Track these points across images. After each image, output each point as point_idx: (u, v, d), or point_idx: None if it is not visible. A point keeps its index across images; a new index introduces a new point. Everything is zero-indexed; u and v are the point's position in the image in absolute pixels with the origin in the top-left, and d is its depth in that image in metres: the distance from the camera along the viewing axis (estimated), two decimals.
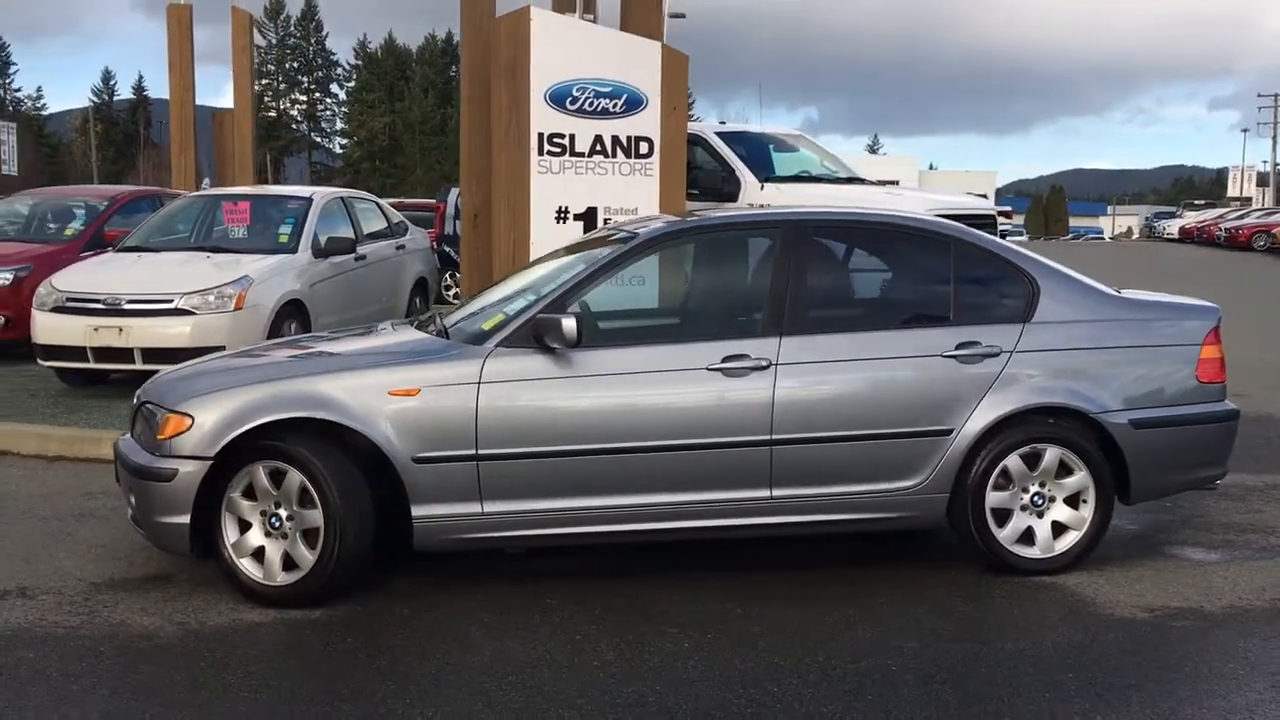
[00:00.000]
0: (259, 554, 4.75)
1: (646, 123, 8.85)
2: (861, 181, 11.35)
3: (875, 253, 5.51)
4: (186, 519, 4.67)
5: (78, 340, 8.64)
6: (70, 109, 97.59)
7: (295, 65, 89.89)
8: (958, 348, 5.07)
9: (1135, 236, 72.80)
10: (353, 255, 10.20)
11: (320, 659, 4.23)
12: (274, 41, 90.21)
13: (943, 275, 5.28)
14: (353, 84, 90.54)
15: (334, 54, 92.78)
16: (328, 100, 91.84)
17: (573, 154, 8.69)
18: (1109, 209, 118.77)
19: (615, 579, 5.09)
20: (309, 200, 10.15)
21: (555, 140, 8.66)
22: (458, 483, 4.75)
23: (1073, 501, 5.19)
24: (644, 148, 8.85)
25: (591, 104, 8.68)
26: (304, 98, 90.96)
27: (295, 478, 4.66)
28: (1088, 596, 4.90)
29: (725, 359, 4.90)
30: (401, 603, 4.77)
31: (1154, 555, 5.50)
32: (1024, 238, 48.98)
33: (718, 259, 5.45)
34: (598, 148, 8.74)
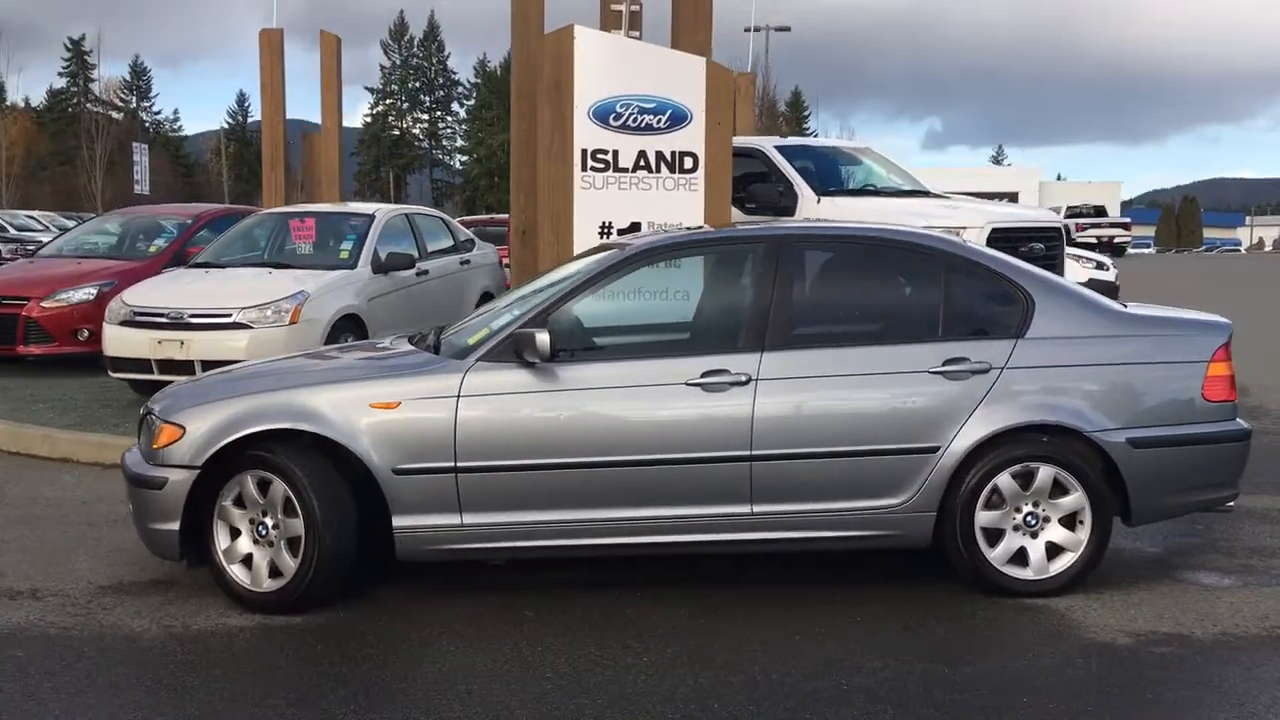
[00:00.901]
0: (248, 560, 4.91)
1: (691, 138, 8.88)
2: (925, 194, 11.19)
3: (864, 268, 5.45)
4: (176, 526, 4.85)
5: (143, 353, 9.00)
6: (207, 130, 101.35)
7: (417, 85, 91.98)
8: (945, 364, 4.99)
9: (1268, 248, 70.01)
10: (413, 270, 10.43)
11: (283, 664, 4.35)
12: (398, 62, 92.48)
13: (933, 290, 5.20)
14: (472, 102, 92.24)
15: (455, 73, 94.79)
16: (448, 118, 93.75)
17: (616, 169, 8.76)
18: (1246, 220, 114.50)
19: (596, 591, 5.13)
20: (371, 218, 10.43)
21: (599, 156, 8.74)
22: (437, 495, 4.85)
23: (1069, 522, 5.06)
24: (688, 163, 8.88)
25: (635, 120, 8.74)
26: (426, 116, 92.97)
27: (280, 487, 4.81)
28: (1074, 619, 4.77)
29: (705, 374, 4.91)
30: (383, 611, 4.89)
31: (1162, 579, 5.33)
32: (1150, 250, 47.43)
33: (704, 274, 5.46)
34: (641, 163, 8.80)
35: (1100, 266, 16.28)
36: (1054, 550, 5.07)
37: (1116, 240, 44.59)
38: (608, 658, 4.36)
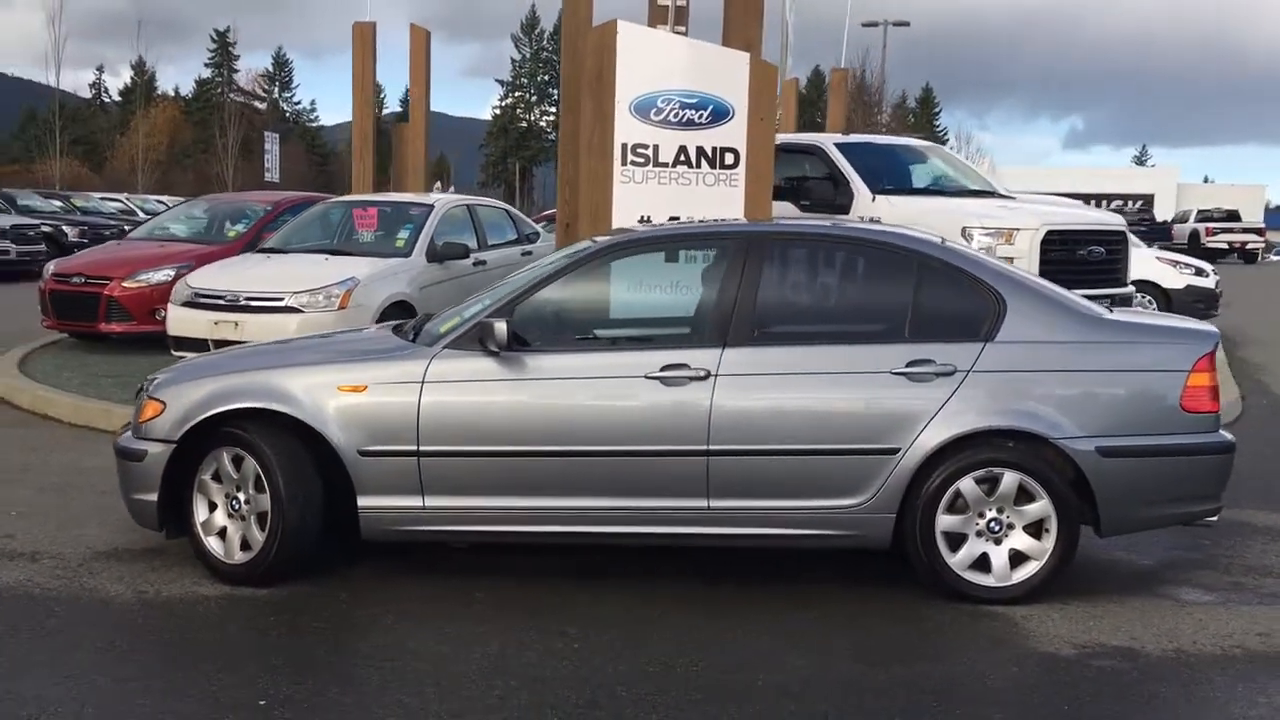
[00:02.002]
0: (223, 533, 5.12)
1: (733, 133, 8.89)
2: (989, 194, 10.99)
3: (833, 267, 5.42)
4: (155, 497, 5.10)
5: (201, 333, 9.39)
6: (345, 121, 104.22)
7: (546, 78, 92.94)
8: (908, 365, 4.95)
9: None
10: (470, 260, 10.64)
11: (233, 632, 4.55)
12: (527, 56, 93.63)
13: (902, 291, 5.16)
14: None
15: None
16: None
17: (656, 164, 8.82)
18: None
19: (554, 578, 5.22)
20: (430, 208, 10.67)
21: (639, 150, 8.81)
22: (400, 477, 5.00)
23: (1035, 530, 4.98)
24: (729, 158, 8.89)
25: (677, 115, 8.79)
26: (554, 109, 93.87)
27: (251, 464, 5.02)
28: (1025, 628, 4.70)
29: (664, 367, 4.96)
30: (344, 588, 5.06)
31: (1138, 593, 5.20)
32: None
33: (671, 269, 5.51)
34: (681, 158, 8.84)
35: (1200, 273, 15.67)
36: (1018, 558, 4.99)
37: (1249, 246, 42.80)
38: (539, 642, 4.45)
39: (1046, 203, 11.15)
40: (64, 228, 25.22)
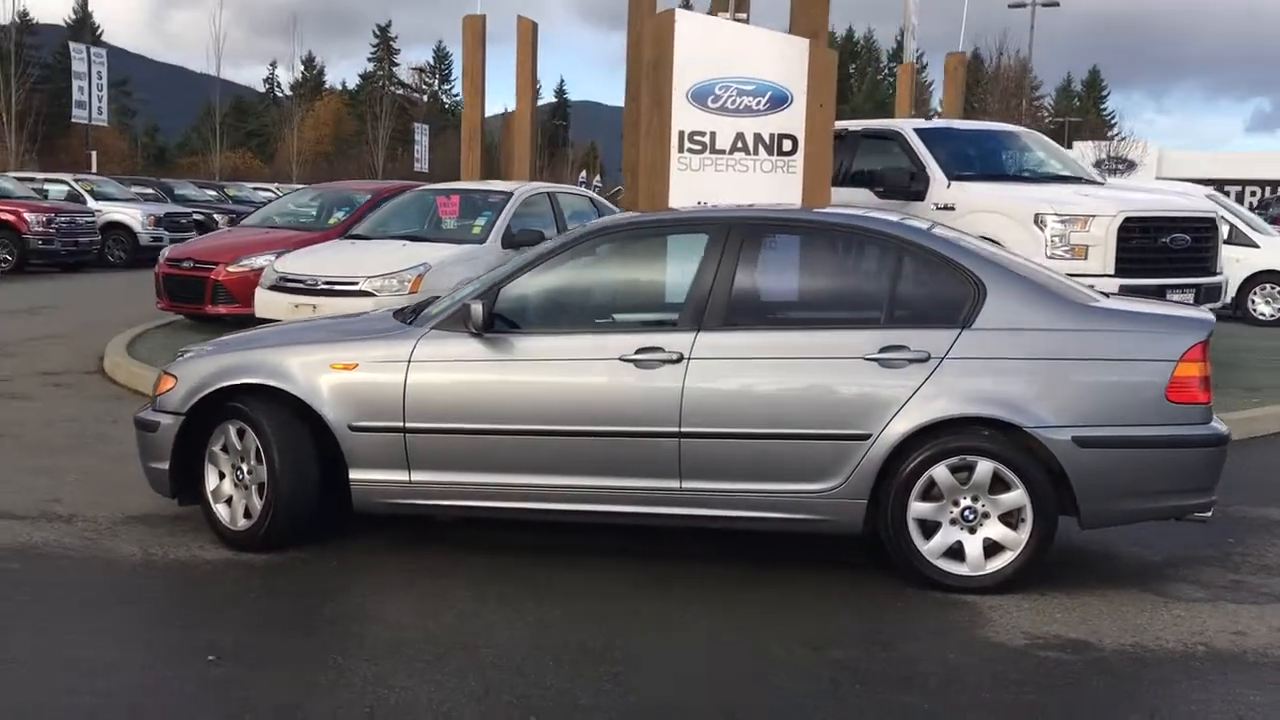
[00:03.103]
0: (229, 501, 5.44)
1: (791, 120, 8.89)
2: (1077, 181, 10.70)
3: (813, 253, 5.42)
4: (166, 465, 5.44)
5: (282, 314, 9.79)
6: (505, 112, 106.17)
7: None
8: (881, 351, 4.93)
9: None
10: None
11: (209, 594, 4.86)
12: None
13: (880, 277, 5.15)
14: None
15: None
16: None
17: (713, 151, 8.89)
18: None
19: (533, 554, 5.36)
20: (509, 195, 10.93)
21: (695, 138, 8.89)
22: (388, 451, 5.22)
23: (1010, 519, 4.92)
24: (787, 145, 8.90)
25: (734, 102, 8.84)
26: None
27: (252, 437, 5.31)
28: (988, 617, 4.65)
29: (639, 350, 5.06)
30: (335, 556, 5.31)
31: (1127, 587, 5.07)
32: None
33: (654, 254, 5.58)
34: (739, 145, 8.89)
35: None
36: (993, 548, 4.94)
37: None
38: (493, 613, 4.62)
39: (1134, 189, 10.81)
40: (215, 216, 26.51)
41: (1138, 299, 5.53)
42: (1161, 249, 9.45)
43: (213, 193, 30.82)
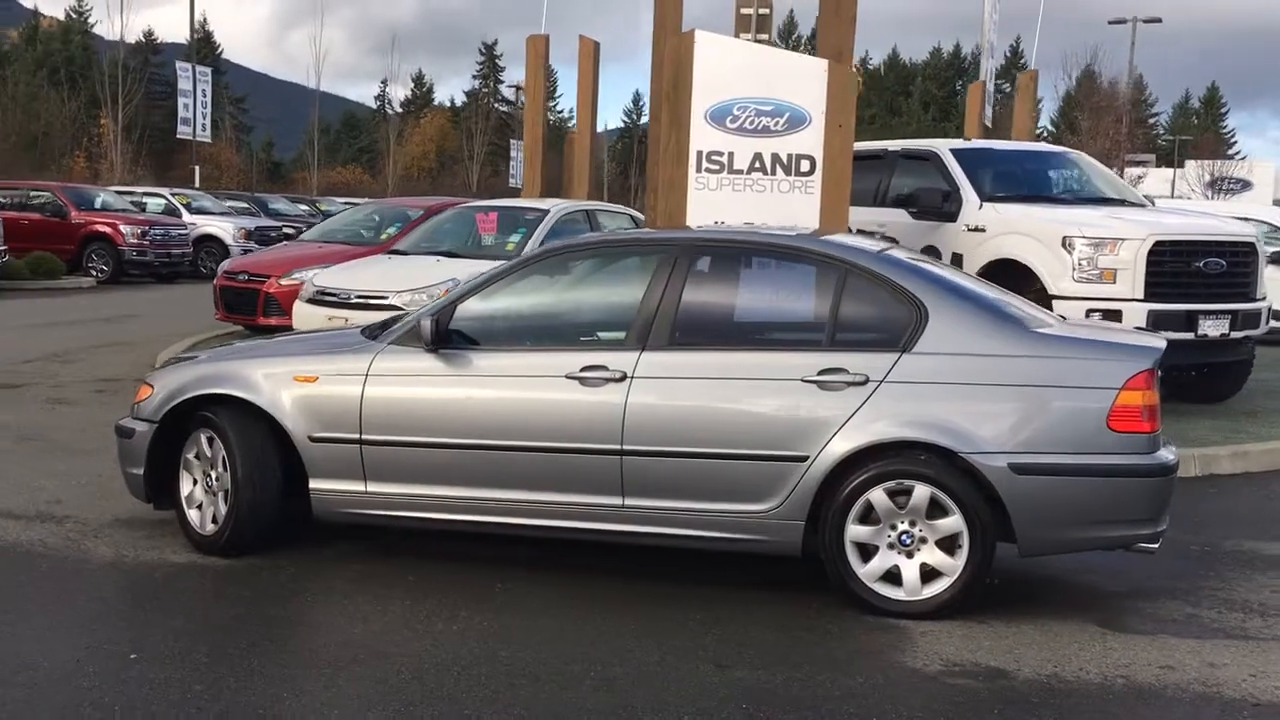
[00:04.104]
0: (201, 507, 5.65)
1: (808, 141, 8.90)
2: (1118, 203, 10.48)
3: (759, 274, 5.45)
4: (141, 471, 5.68)
5: (317, 327, 10.12)
6: (611, 129, 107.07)
7: None
8: (820, 373, 4.94)
9: None
10: None
11: (163, 594, 5.06)
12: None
13: (824, 299, 5.15)
14: None
15: None
16: None
17: (730, 171, 8.94)
18: None
19: (487, 565, 5.46)
20: (545, 213, 11.11)
21: (713, 158, 8.95)
22: (345, 463, 5.39)
23: (948, 545, 4.88)
24: (805, 165, 8.91)
25: (752, 122, 8.88)
26: None
27: (220, 445, 5.51)
28: (911, 642, 4.63)
29: (584, 368, 5.14)
30: (295, 563, 5.48)
31: (1073, 618, 4.97)
32: None
33: (605, 275, 5.66)
34: (756, 165, 8.92)
35: None
36: (930, 573, 4.91)
37: None
38: (422, 623, 4.73)
39: (1176, 212, 10.55)
40: (305, 230, 27.26)
41: (1094, 325, 5.45)
42: (1195, 274, 9.21)
43: (305, 207, 31.70)
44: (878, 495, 4.89)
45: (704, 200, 8.94)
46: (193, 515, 5.64)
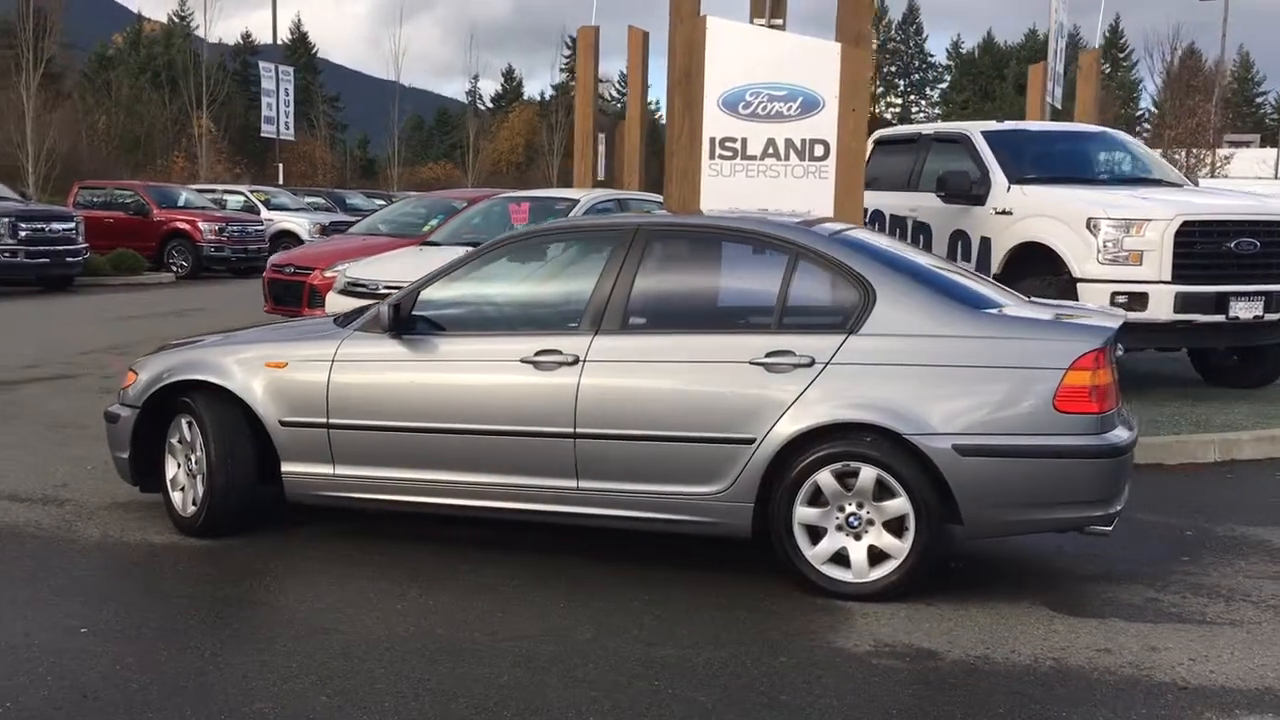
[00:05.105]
0: (184, 490, 5.84)
1: (823, 125, 8.82)
2: (1156, 183, 10.23)
3: (710, 258, 5.46)
4: (126, 455, 5.89)
5: None
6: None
7: (893, 69, 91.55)
8: (768, 355, 4.94)
9: None
10: None
11: (134, 570, 5.28)
12: (874, 47, 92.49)
13: (774, 282, 5.13)
14: (945, 85, 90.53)
15: (932, 55, 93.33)
16: (921, 102, 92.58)
17: (744, 157, 8.91)
18: None
19: (450, 545, 5.57)
20: (574, 203, 11.19)
21: (727, 144, 8.93)
22: (314, 446, 5.53)
23: (896, 527, 4.85)
24: (819, 150, 8.84)
25: (765, 108, 8.84)
26: (899, 101, 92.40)
27: (198, 430, 5.69)
28: (849, 623, 4.62)
29: (539, 352, 5.21)
30: (271, 545, 5.63)
31: (1021, 600, 4.91)
32: None
33: (564, 261, 5.71)
34: (770, 151, 8.88)
35: None
36: (877, 555, 4.88)
37: None
38: (369, 602, 4.84)
39: (1207, 193, 10.24)
40: None
41: (1055, 306, 5.35)
42: (1226, 255, 8.94)
43: (381, 202, 32.23)
44: (825, 477, 4.88)
45: (718, 187, 8.93)
46: (176, 498, 5.83)
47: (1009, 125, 11.08)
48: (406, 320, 5.43)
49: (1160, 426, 8.22)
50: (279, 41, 79.36)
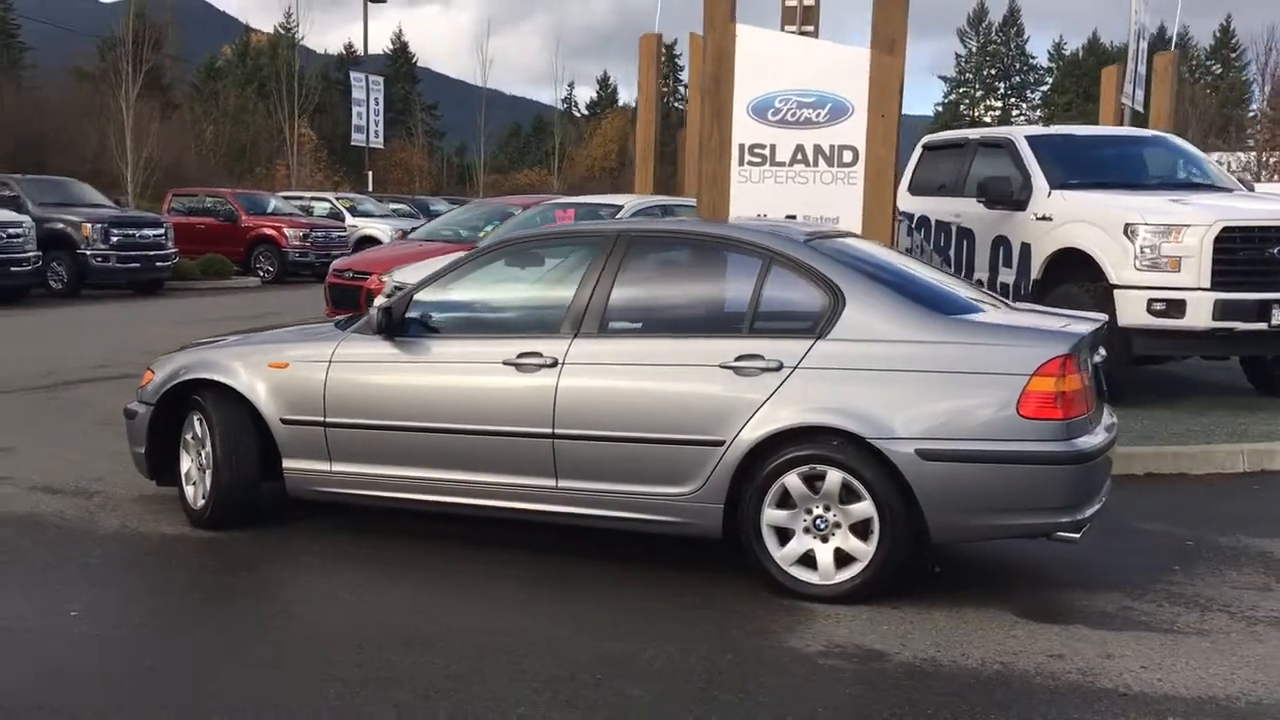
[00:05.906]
0: (195, 484, 6.10)
1: (851, 131, 8.84)
2: (1206, 188, 10.03)
3: (687, 264, 5.55)
4: (143, 449, 6.18)
5: None
6: None
7: (993, 71, 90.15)
8: (737, 359, 5.02)
9: None
10: None
11: (143, 559, 5.56)
12: (974, 49, 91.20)
13: (747, 287, 5.22)
14: (1047, 86, 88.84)
15: (1034, 57, 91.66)
16: (1022, 104, 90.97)
17: (773, 164, 8.97)
18: None
19: (441, 542, 5.75)
20: (618, 209, 11.33)
21: (756, 151, 9.00)
22: (312, 443, 5.75)
23: (862, 530, 4.90)
24: (847, 156, 8.86)
25: (794, 114, 8.89)
26: (999, 104, 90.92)
27: (206, 427, 5.96)
28: (806, 624, 4.68)
29: (520, 355, 5.36)
30: (275, 538, 5.86)
31: (988, 605, 4.91)
32: None
33: (550, 266, 5.85)
34: (799, 157, 8.93)
35: None
36: (844, 558, 4.93)
37: None
38: (348, 594, 5.05)
39: (1253, 198, 9.98)
40: None
41: (1030, 311, 5.34)
42: (1269, 261, 8.74)
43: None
44: (792, 480, 4.94)
45: (746, 194, 9.01)
46: (188, 491, 6.10)
47: (1055, 130, 10.96)
48: (399, 323, 5.62)
49: (1193, 436, 8.09)
50: (379, 51, 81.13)
